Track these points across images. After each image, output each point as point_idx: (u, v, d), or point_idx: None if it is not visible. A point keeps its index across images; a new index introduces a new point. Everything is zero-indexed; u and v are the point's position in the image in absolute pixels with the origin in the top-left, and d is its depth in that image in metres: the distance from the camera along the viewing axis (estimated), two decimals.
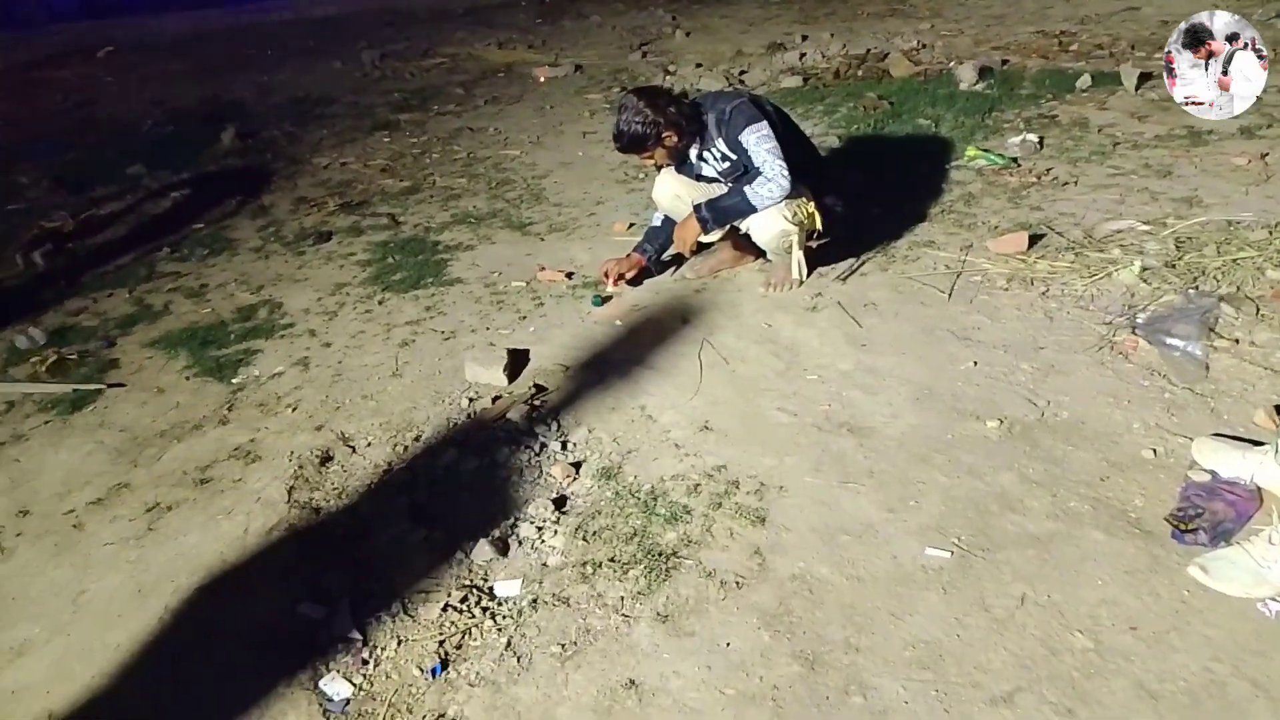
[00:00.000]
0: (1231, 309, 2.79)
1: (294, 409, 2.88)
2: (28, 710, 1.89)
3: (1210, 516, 2.02)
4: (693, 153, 3.15)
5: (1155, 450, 2.29)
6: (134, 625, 2.08)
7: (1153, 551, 1.99)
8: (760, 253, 3.45)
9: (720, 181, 3.18)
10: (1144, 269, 3.09)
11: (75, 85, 8.27)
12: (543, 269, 3.67)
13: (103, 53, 9.39)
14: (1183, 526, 2.01)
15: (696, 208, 3.13)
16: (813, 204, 3.19)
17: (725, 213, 3.12)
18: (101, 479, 2.64)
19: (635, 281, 3.47)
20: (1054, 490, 2.20)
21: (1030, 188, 4.02)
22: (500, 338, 3.19)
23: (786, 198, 3.05)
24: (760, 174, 3.01)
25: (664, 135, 3.03)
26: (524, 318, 3.33)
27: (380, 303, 3.57)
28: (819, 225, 3.26)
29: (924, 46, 6.91)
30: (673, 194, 3.25)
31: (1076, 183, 4.02)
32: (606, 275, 3.38)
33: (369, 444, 2.67)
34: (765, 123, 2.98)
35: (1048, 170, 4.18)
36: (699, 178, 3.22)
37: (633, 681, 1.81)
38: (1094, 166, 4.19)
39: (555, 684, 1.83)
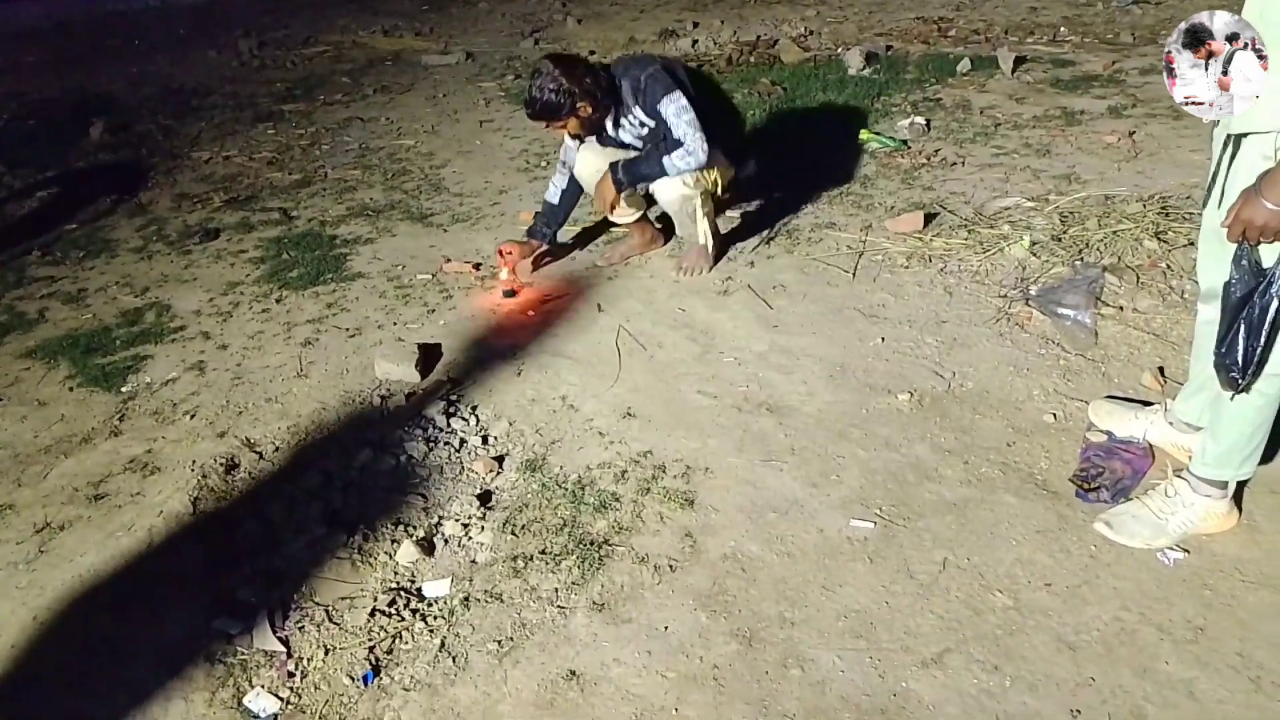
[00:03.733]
0: (1115, 278, 2.95)
1: (192, 416, 2.74)
2: None
3: (1110, 475, 2.14)
4: (608, 124, 3.13)
5: (1055, 415, 2.42)
6: (32, 655, 1.94)
7: (1060, 511, 2.09)
8: (669, 236, 3.48)
9: (638, 148, 3.17)
10: (1033, 243, 3.24)
11: None
12: (448, 260, 3.59)
13: None
14: (1086, 486, 2.13)
15: (612, 167, 3.12)
16: (716, 171, 3.20)
17: (639, 176, 3.13)
18: None
19: (535, 265, 3.48)
20: (965, 458, 2.29)
21: (921, 169, 4.16)
22: (409, 332, 3.10)
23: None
24: (680, 144, 3.00)
25: (578, 106, 2.98)
26: (432, 311, 3.25)
27: (278, 301, 3.42)
28: (723, 188, 3.29)
29: (811, 33, 7.07)
30: (595, 169, 3.22)
31: (964, 163, 4.19)
32: (502, 256, 3.31)
33: (276, 449, 2.55)
34: (680, 92, 2.97)
35: (936, 151, 4.34)
36: (620, 145, 3.20)
37: (573, 673, 1.80)
38: (979, 147, 4.37)
39: (494, 681, 1.80)
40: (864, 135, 4.54)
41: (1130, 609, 1.83)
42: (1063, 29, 6.47)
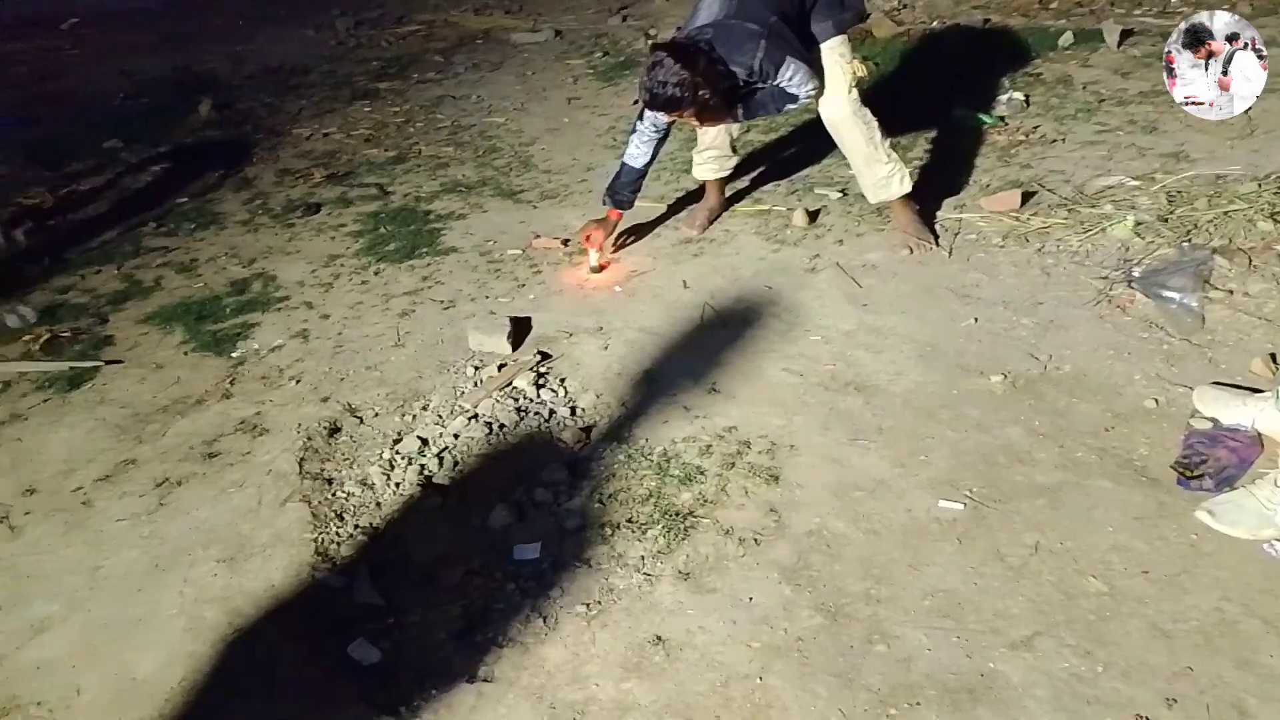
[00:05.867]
0: (1224, 261, 2.83)
1: (297, 381, 2.87)
2: (54, 685, 1.89)
3: (1214, 463, 2.07)
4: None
5: (1157, 400, 2.34)
6: (153, 599, 2.09)
7: (1159, 498, 2.04)
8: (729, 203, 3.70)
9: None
10: (1137, 224, 3.12)
11: (39, 59, 8.03)
12: (538, 236, 3.65)
13: (67, 24, 9.13)
14: (1188, 474, 2.06)
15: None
16: (854, 60, 3.13)
17: (757, 111, 3.11)
18: (106, 456, 2.62)
19: (616, 247, 3.49)
20: (1060, 441, 2.25)
21: (1019, 146, 4.04)
22: (500, 306, 3.18)
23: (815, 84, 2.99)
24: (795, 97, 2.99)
25: (700, 94, 2.83)
26: (522, 285, 3.32)
27: (376, 273, 3.54)
28: (861, 72, 3.25)
29: (905, 6, 6.87)
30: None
31: (1064, 140, 4.05)
32: (588, 240, 3.32)
33: (376, 414, 2.66)
34: (787, 57, 2.86)
35: (1035, 128, 4.20)
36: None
37: (659, 637, 1.84)
38: (1080, 124, 4.21)
39: (583, 642, 1.85)
40: (960, 112, 4.43)
41: (1232, 600, 1.78)
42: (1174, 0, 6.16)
